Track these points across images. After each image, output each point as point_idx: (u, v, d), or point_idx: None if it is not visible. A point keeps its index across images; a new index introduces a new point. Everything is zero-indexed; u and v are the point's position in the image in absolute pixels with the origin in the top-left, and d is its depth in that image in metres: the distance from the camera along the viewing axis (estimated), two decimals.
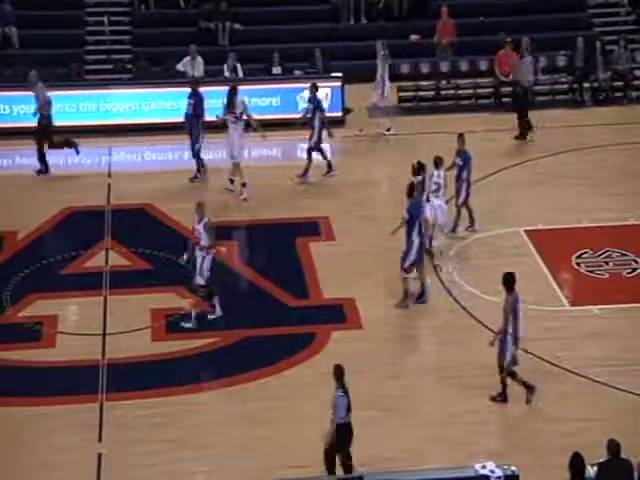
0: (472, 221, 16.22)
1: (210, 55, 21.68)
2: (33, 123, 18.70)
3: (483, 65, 21.86)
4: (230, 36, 22.95)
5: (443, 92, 21.67)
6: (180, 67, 21.33)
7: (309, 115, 17.97)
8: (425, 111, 21.13)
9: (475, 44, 21.12)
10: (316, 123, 17.79)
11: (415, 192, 14.35)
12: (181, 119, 18.93)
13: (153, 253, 15.68)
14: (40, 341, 13.66)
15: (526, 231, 16.29)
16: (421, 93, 21.82)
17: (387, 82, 19.78)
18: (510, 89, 21.01)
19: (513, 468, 9.91)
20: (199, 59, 21.30)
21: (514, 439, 11.67)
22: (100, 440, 11.72)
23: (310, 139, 17.90)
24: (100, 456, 11.42)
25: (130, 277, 15.12)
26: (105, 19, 23.14)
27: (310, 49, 21.90)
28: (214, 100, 20.43)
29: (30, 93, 18.92)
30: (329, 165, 18.21)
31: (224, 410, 12.31)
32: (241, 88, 20.61)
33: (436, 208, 15.28)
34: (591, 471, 9.68)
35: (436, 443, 11.65)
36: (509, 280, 12.22)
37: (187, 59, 21.28)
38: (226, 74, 21.32)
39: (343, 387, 10.82)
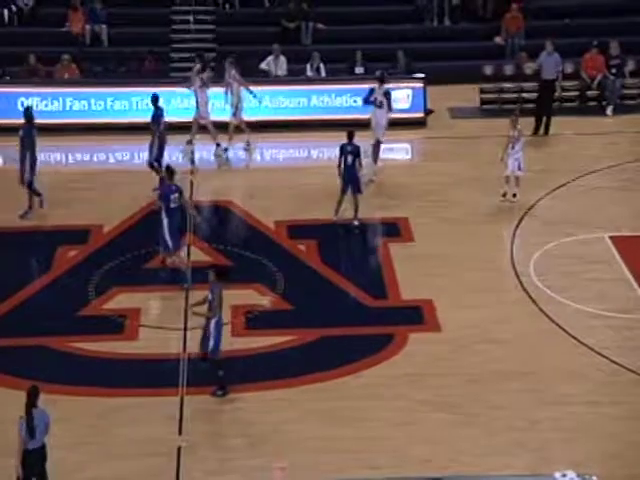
0: None
1: (293, 54, 21.82)
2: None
3: (569, 67, 21.54)
4: (313, 36, 23.05)
5: (526, 94, 21.42)
6: (264, 66, 21.52)
7: (154, 127, 17.32)
8: (508, 113, 20.86)
9: (561, 46, 20.82)
10: (156, 136, 17.21)
11: (174, 175, 14.91)
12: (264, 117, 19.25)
13: (233, 250, 15.83)
14: (123, 333, 13.90)
15: (611, 237, 16.01)
16: (504, 95, 21.61)
17: (242, 100, 19.06)
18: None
19: (594, 478, 9.75)
20: (282, 58, 21.47)
21: (596, 448, 11.47)
22: (180, 433, 11.87)
23: (151, 152, 17.30)
24: (180, 449, 11.58)
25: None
26: (190, 18, 23.46)
27: (393, 49, 21.86)
28: (298, 99, 20.67)
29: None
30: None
31: (302, 408, 12.36)
32: (323, 87, 20.85)
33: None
34: None
35: (515, 449, 11.52)
36: (224, 273, 12.52)
37: (270, 58, 21.46)
38: (309, 73, 21.44)
39: (27, 411, 10.25)
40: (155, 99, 17.51)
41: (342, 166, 16.32)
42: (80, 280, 15.01)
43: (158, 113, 17.44)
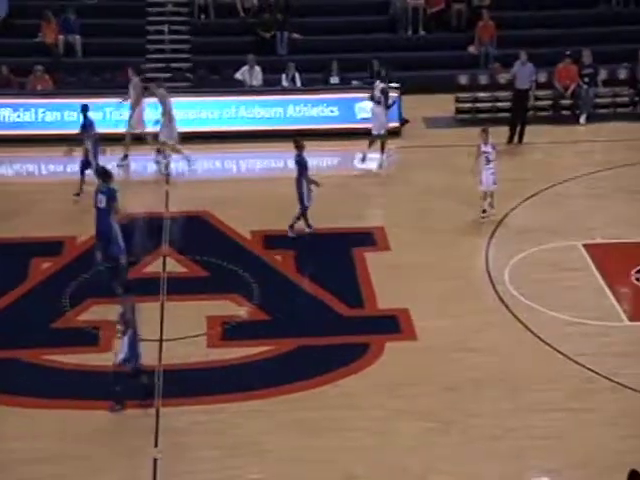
0: None
1: (268, 64, 21.85)
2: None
3: (542, 77, 21.72)
4: (288, 46, 23.10)
5: (500, 104, 21.56)
6: (238, 76, 21.55)
7: (83, 136, 17.58)
8: (483, 122, 20.98)
9: (535, 56, 20.98)
10: (88, 144, 17.44)
11: (107, 178, 15.20)
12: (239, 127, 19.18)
13: (210, 260, 15.81)
14: (98, 345, 13.82)
15: (584, 245, 16.12)
16: (479, 105, 21.74)
17: (174, 118, 18.95)
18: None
19: None
20: (257, 68, 21.51)
21: (570, 455, 11.51)
22: (156, 445, 11.83)
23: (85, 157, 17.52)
24: (155, 461, 11.53)
25: (186, 284, 15.26)
26: (165, 28, 23.44)
27: (368, 59, 21.95)
28: (274, 109, 20.70)
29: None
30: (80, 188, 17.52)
31: (278, 418, 12.34)
32: (299, 97, 20.92)
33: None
34: None
35: (491, 457, 11.55)
36: (129, 285, 12.64)
37: (245, 68, 21.49)
38: (284, 83, 21.48)
39: None
40: (85, 109, 17.68)
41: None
42: (57, 291, 14.93)
43: (87, 123, 17.61)
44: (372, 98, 19.21)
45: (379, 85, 19.24)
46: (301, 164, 16.30)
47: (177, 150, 19.08)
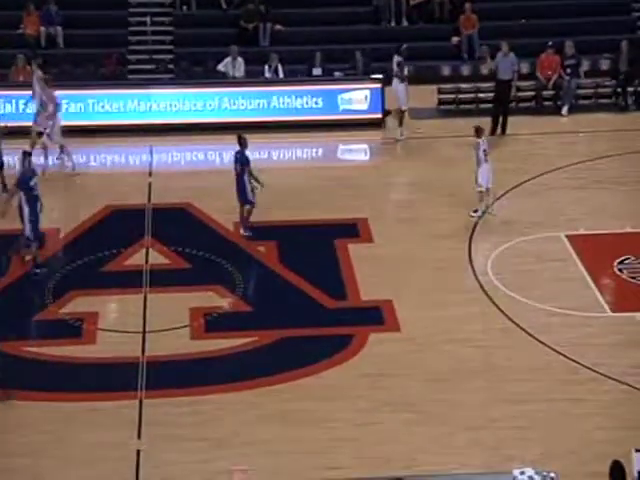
0: None
1: (251, 56, 21.79)
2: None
3: (525, 68, 21.75)
4: (271, 37, 23.04)
5: (482, 95, 21.58)
6: (221, 68, 21.48)
7: None
8: (465, 114, 21.05)
9: (517, 47, 21.01)
10: None
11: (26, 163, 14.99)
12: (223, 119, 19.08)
13: (192, 252, 15.78)
14: (81, 337, 13.78)
15: (567, 236, 16.17)
16: (461, 96, 21.75)
17: (58, 114, 18.54)
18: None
19: (552, 474, 9.85)
20: (240, 60, 21.44)
21: (554, 445, 11.57)
22: (139, 437, 11.81)
23: None
24: (139, 452, 11.52)
25: (169, 276, 15.23)
26: (147, 19, 23.33)
27: (351, 50, 21.92)
28: (258, 100, 20.65)
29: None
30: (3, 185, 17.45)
31: (262, 410, 12.34)
32: (282, 89, 20.88)
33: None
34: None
35: (474, 447, 11.60)
36: None
37: (228, 60, 21.42)
38: (267, 75, 21.43)
39: None
40: None
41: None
42: (39, 283, 14.86)
43: None
44: (395, 74, 19.50)
45: (396, 58, 19.42)
46: (243, 161, 16.10)
47: (60, 144, 18.55)
